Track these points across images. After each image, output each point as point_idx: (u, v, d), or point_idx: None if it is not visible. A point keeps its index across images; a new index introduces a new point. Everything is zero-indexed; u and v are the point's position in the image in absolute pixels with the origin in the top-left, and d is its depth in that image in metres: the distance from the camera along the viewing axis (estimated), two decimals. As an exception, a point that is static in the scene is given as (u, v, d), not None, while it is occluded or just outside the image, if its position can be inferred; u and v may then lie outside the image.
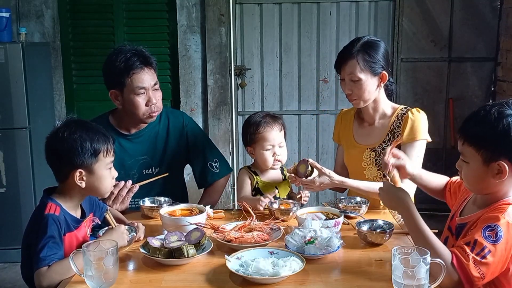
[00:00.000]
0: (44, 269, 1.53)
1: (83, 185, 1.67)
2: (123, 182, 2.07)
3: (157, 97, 2.24)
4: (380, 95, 2.20)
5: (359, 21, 4.33)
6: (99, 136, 1.70)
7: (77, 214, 1.75)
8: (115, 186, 2.03)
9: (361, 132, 2.30)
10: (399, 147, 2.12)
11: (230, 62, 4.30)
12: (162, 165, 2.36)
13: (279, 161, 2.21)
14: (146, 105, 2.21)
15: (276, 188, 2.22)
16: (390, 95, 2.28)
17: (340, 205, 2.08)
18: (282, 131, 2.23)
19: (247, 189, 2.23)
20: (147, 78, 2.20)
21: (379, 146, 2.21)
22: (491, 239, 1.43)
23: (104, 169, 1.71)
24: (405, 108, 2.22)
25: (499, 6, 4.22)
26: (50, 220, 1.60)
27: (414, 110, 2.18)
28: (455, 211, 1.69)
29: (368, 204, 2.08)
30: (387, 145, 2.16)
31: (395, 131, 2.18)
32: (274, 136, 2.19)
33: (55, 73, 4.33)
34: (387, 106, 2.25)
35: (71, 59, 4.39)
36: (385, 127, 2.22)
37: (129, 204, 2.15)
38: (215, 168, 2.45)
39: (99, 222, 1.86)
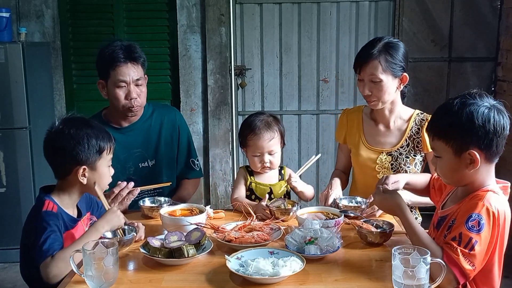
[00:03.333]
0: (49, 260, 1.52)
1: (85, 181, 1.70)
2: (125, 183, 2.08)
3: (138, 92, 2.28)
4: (397, 97, 2.18)
5: (359, 21, 4.33)
6: (103, 134, 1.74)
7: (74, 213, 1.76)
8: (116, 185, 2.05)
9: (375, 135, 2.25)
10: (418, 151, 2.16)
11: (230, 62, 4.30)
12: (157, 157, 2.41)
13: (267, 167, 2.20)
14: (126, 98, 2.26)
15: (270, 188, 2.23)
16: (402, 97, 2.25)
17: (340, 205, 2.08)
18: (276, 139, 2.17)
19: (241, 190, 2.23)
20: (129, 72, 2.25)
21: (396, 151, 2.18)
22: (475, 229, 1.45)
23: (105, 166, 1.76)
24: (421, 113, 2.21)
25: (499, 6, 4.22)
26: (49, 216, 1.61)
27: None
28: (439, 206, 1.71)
29: (368, 204, 2.08)
30: (405, 150, 2.17)
31: (415, 137, 2.17)
32: (263, 144, 2.15)
33: (55, 73, 4.32)
34: (403, 109, 2.22)
35: (71, 59, 4.38)
36: (402, 131, 2.20)
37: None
38: (196, 166, 2.53)
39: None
